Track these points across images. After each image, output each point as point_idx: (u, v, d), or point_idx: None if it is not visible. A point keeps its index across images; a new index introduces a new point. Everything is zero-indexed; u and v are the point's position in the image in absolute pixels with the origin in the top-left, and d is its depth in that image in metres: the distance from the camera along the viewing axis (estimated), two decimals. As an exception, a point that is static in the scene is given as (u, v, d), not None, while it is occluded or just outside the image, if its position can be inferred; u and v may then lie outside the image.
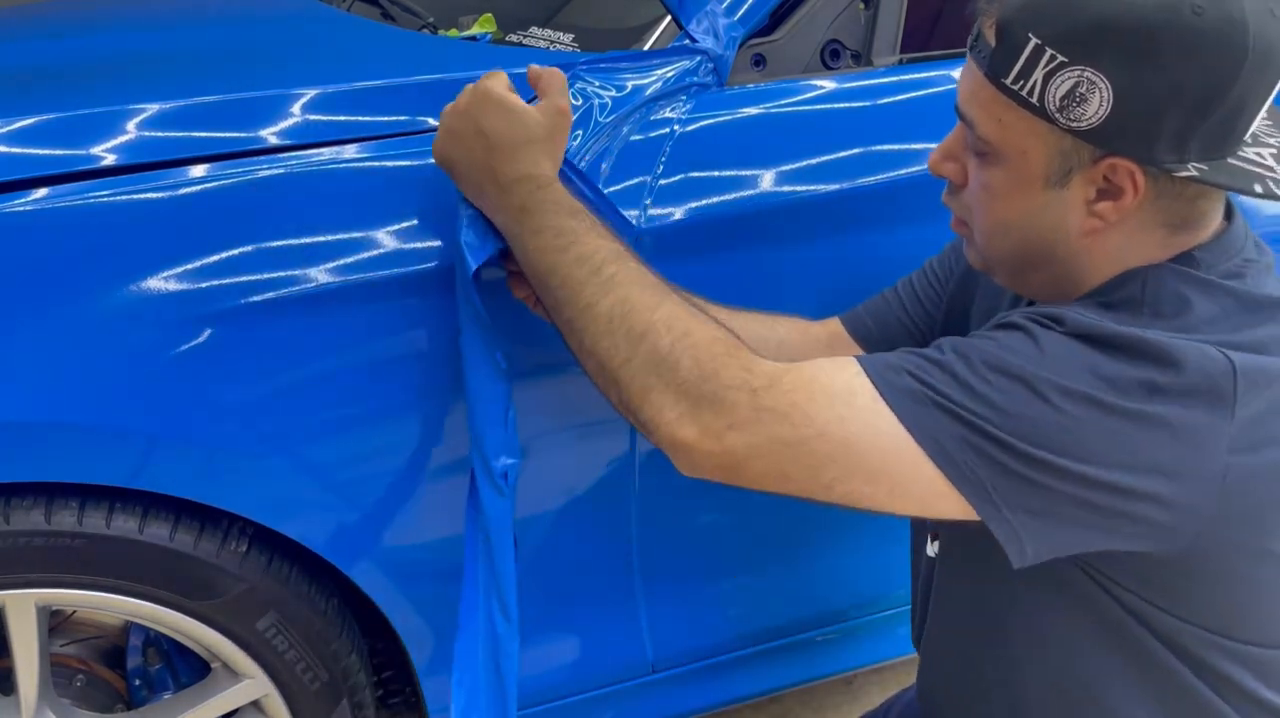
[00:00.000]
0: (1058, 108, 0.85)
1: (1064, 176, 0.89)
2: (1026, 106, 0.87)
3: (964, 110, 0.93)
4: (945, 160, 0.99)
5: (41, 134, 1.12)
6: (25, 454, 1.03)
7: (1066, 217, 0.91)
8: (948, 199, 1.02)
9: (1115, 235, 0.91)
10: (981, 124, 0.91)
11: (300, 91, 1.18)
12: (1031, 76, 0.85)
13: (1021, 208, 0.92)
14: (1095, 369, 0.83)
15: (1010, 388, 0.83)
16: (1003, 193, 0.93)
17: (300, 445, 1.12)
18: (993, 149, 0.91)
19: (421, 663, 1.29)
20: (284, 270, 1.08)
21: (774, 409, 0.85)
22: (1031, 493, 0.83)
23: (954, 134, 0.98)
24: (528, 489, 1.25)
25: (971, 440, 0.83)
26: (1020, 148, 0.90)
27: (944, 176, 1.00)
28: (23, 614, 1.12)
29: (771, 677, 1.53)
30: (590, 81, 1.20)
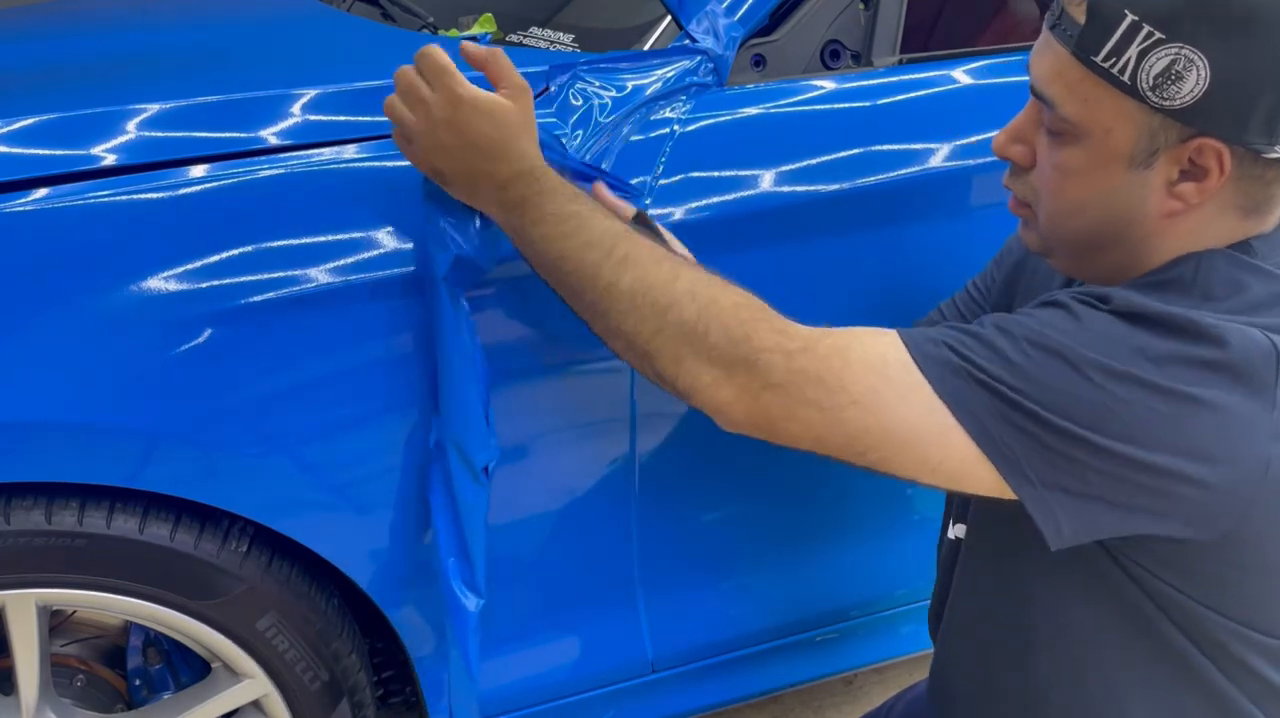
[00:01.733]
0: (1150, 86, 0.84)
1: (1149, 157, 0.88)
2: (1116, 84, 0.86)
3: (1043, 90, 0.91)
4: (1013, 143, 0.97)
5: (41, 134, 1.12)
6: (25, 454, 1.03)
7: (1146, 198, 0.90)
8: (1010, 181, 1.00)
9: (1191, 218, 0.90)
10: (1065, 103, 0.89)
11: (300, 91, 1.18)
12: (1125, 54, 0.84)
13: (1099, 188, 0.91)
14: (1139, 348, 0.82)
15: (1050, 363, 0.83)
16: (1080, 172, 0.91)
17: (300, 445, 1.12)
18: (1074, 128, 0.90)
19: (422, 663, 1.29)
20: (284, 270, 1.08)
21: (808, 372, 0.86)
22: (1068, 470, 0.83)
23: (1023, 116, 0.97)
24: (528, 489, 1.25)
25: (1008, 415, 0.83)
26: (1105, 126, 0.88)
27: (1010, 159, 0.98)
28: (23, 614, 1.12)
29: (771, 677, 1.53)
30: (590, 81, 1.21)
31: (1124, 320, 0.84)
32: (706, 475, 1.35)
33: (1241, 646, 0.92)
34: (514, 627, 1.34)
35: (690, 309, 0.90)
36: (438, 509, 1.14)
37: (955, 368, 0.85)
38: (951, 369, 0.85)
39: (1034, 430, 0.83)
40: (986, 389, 0.84)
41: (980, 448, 0.84)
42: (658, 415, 1.28)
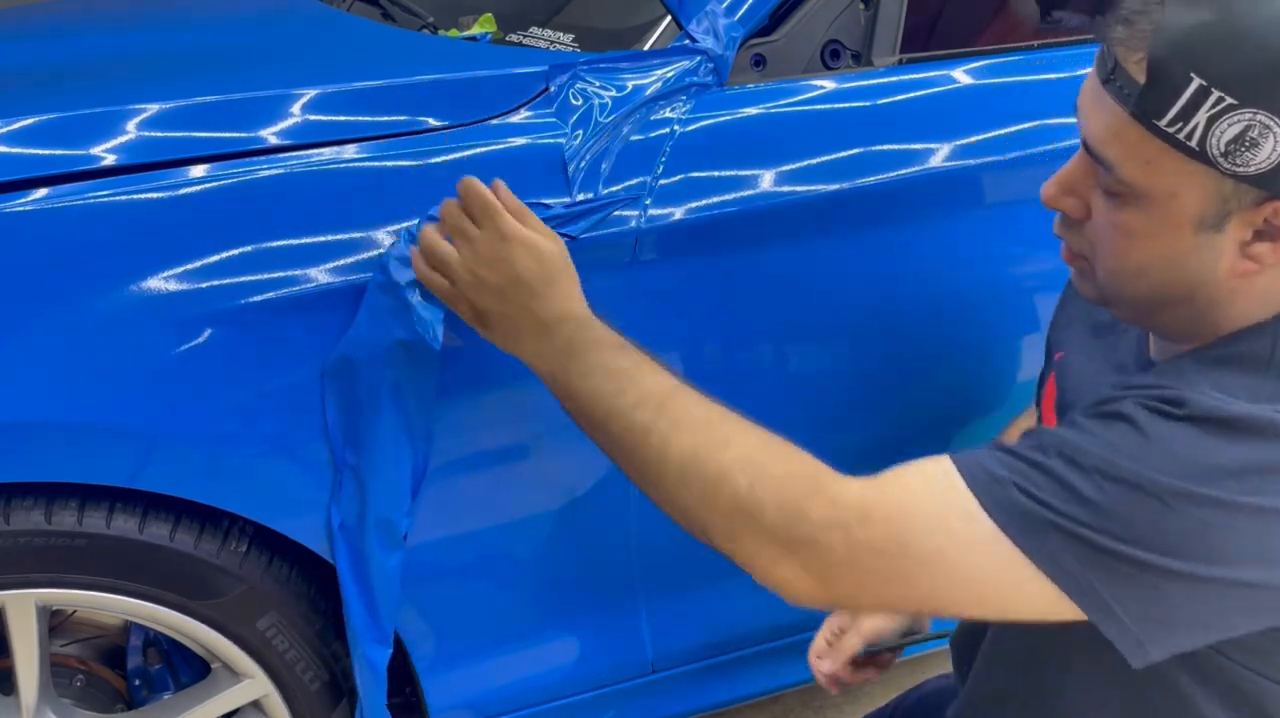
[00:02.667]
0: (1222, 152, 0.78)
1: (1220, 220, 0.82)
2: (1182, 150, 0.79)
3: (1099, 150, 0.85)
4: (1065, 195, 0.91)
5: (41, 134, 1.12)
6: (25, 454, 1.03)
7: (1217, 260, 0.84)
8: (1062, 232, 0.94)
9: (1265, 277, 0.85)
10: (1124, 166, 0.83)
11: (300, 91, 1.18)
12: (1192, 119, 0.77)
13: (1165, 251, 0.85)
14: (1216, 463, 0.78)
15: (1127, 497, 0.78)
16: (1143, 235, 0.85)
17: (300, 445, 1.12)
18: (1135, 191, 0.83)
19: (422, 663, 1.29)
20: (284, 270, 1.08)
21: (870, 545, 0.83)
22: (1156, 600, 0.79)
23: (1075, 166, 0.90)
24: (529, 489, 1.25)
25: (1092, 558, 0.79)
26: (1170, 190, 0.82)
27: (1062, 211, 0.92)
28: (23, 614, 1.12)
29: (771, 677, 1.53)
30: (590, 81, 1.21)
31: (1197, 427, 0.79)
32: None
33: (1273, 702, 0.88)
34: (514, 627, 1.34)
35: (742, 482, 0.87)
36: (348, 582, 1.16)
37: (1026, 511, 0.80)
38: (1022, 513, 0.80)
39: (1121, 568, 0.79)
40: (1063, 533, 0.79)
41: (1061, 589, 0.80)
42: (658, 415, 1.28)
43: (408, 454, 1.13)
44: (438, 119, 1.18)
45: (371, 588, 1.16)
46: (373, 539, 1.14)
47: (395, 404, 1.10)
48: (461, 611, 1.28)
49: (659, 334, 1.24)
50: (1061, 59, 1.43)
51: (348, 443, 1.12)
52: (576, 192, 1.15)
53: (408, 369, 1.09)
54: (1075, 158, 0.90)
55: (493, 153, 1.16)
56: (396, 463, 1.12)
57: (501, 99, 1.20)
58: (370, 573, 1.16)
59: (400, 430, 1.11)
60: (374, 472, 1.12)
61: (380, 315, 1.07)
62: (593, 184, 1.16)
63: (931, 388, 1.41)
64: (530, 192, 1.15)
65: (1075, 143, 1.43)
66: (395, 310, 1.07)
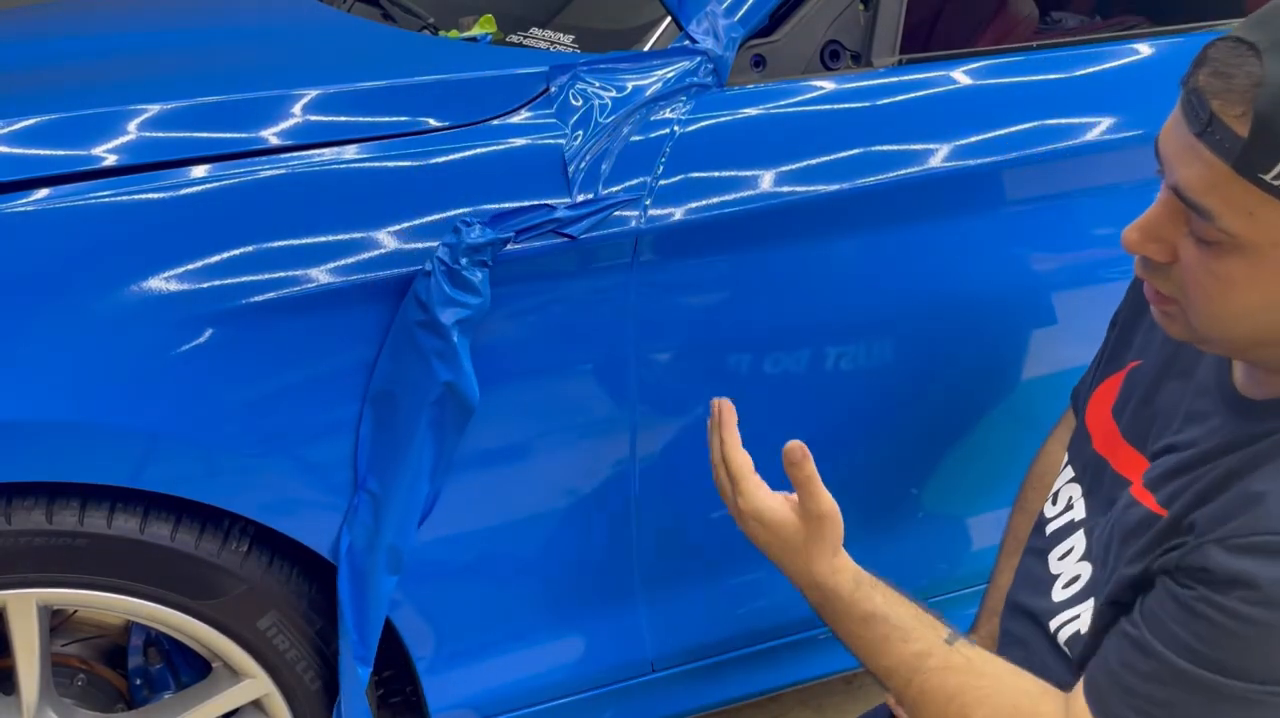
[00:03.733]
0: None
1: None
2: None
3: (1198, 200, 0.83)
4: (1150, 242, 0.89)
5: (41, 134, 1.12)
6: (26, 454, 1.03)
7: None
8: (1146, 274, 0.93)
9: None
10: (1225, 217, 0.82)
11: (300, 92, 1.18)
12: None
13: (1267, 297, 0.85)
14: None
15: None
16: (1245, 283, 0.84)
17: (300, 445, 1.12)
18: (1237, 241, 0.83)
19: (422, 663, 1.29)
20: (284, 270, 1.08)
21: None
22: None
23: (1160, 212, 0.88)
24: (529, 489, 1.25)
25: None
26: (1274, 240, 0.81)
27: (1148, 257, 0.91)
28: (24, 614, 1.12)
29: (771, 677, 1.53)
30: (590, 82, 1.21)
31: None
32: (707, 475, 1.35)
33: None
34: (514, 626, 1.34)
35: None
36: (346, 603, 1.18)
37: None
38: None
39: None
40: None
41: None
42: (658, 415, 1.28)
43: (426, 486, 1.16)
44: (438, 119, 1.18)
45: (365, 610, 1.18)
46: (379, 564, 1.16)
47: (430, 439, 1.13)
48: (461, 610, 1.28)
49: (659, 334, 1.24)
50: (1061, 59, 1.43)
51: (373, 470, 1.14)
52: (576, 192, 1.15)
53: (450, 408, 1.12)
54: (1159, 202, 0.89)
55: (493, 153, 1.16)
56: (414, 492, 1.15)
57: (502, 100, 1.20)
58: (367, 596, 1.17)
59: (426, 463, 1.14)
60: (394, 500, 1.14)
61: (426, 355, 1.10)
62: (593, 184, 1.16)
63: (932, 388, 1.41)
64: (530, 192, 1.15)
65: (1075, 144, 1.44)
66: (442, 353, 1.09)
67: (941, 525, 1.54)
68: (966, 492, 1.53)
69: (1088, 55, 1.44)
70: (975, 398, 1.45)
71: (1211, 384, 0.99)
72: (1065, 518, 1.15)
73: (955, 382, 1.42)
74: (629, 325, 1.22)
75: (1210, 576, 0.86)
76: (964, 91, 1.36)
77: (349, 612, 1.18)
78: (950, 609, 1.28)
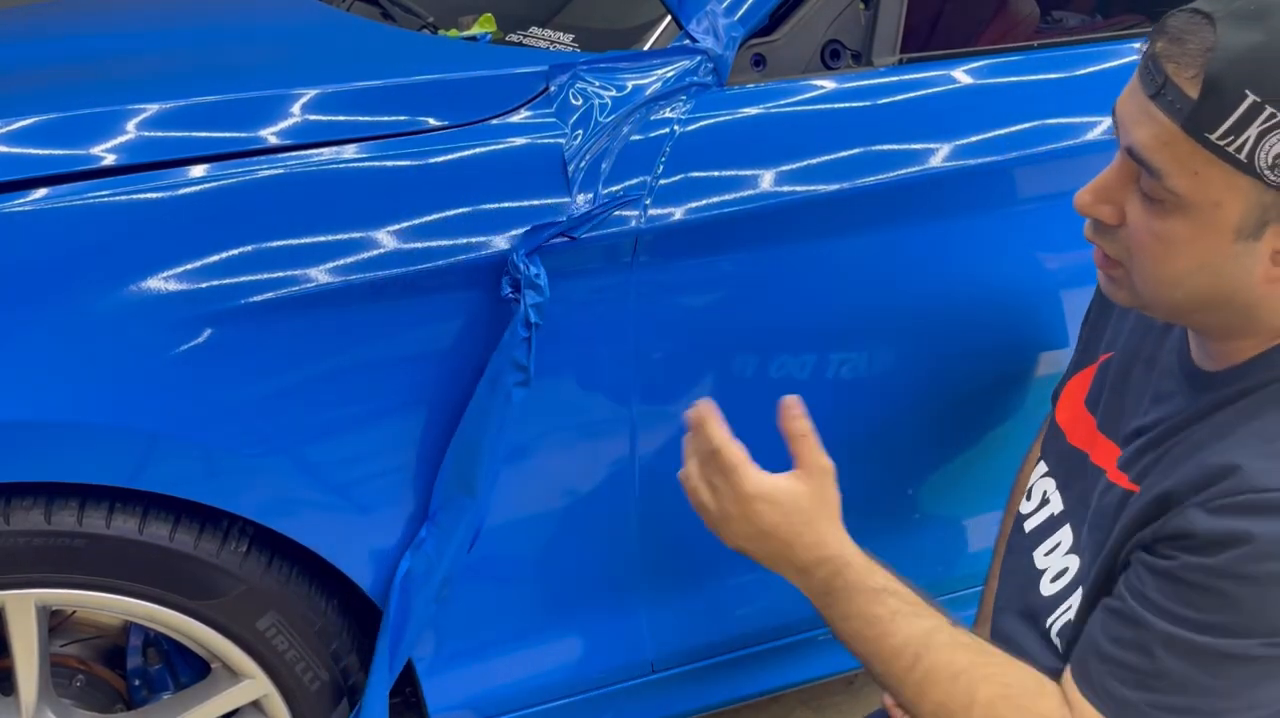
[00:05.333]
0: (1269, 165, 0.82)
1: (1258, 229, 0.86)
2: (1231, 162, 0.83)
3: (1148, 158, 0.88)
4: (1100, 203, 0.94)
5: (41, 134, 1.12)
6: (25, 454, 1.03)
7: (1252, 267, 0.88)
8: (1095, 238, 0.98)
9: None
10: (1172, 175, 0.87)
11: (300, 91, 1.18)
12: (1244, 133, 0.82)
13: (1204, 259, 0.89)
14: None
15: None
16: (1184, 243, 0.89)
17: (300, 445, 1.12)
18: (1180, 199, 0.87)
19: (422, 663, 1.29)
20: (284, 270, 1.08)
21: None
22: None
23: (1112, 174, 0.94)
24: (529, 489, 1.25)
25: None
26: (1215, 200, 0.86)
27: (1098, 218, 0.96)
28: (23, 614, 1.12)
29: (771, 677, 1.53)
30: (590, 81, 1.21)
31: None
32: (706, 476, 1.35)
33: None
34: (514, 627, 1.34)
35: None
36: (390, 626, 1.20)
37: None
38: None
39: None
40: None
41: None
42: (659, 415, 1.28)
43: (480, 522, 1.19)
44: (438, 119, 1.18)
45: (403, 634, 1.20)
46: (430, 594, 1.19)
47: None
48: (461, 611, 1.28)
49: (659, 334, 1.24)
50: (1062, 59, 1.43)
51: (445, 507, 1.17)
52: (576, 192, 1.15)
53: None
54: (1112, 166, 0.93)
55: (493, 153, 1.16)
56: (472, 529, 1.18)
57: (501, 99, 1.20)
58: (409, 622, 1.19)
59: (488, 505, 1.18)
60: (457, 536, 1.17)
61: (514, 405, 1.13)
62: (593, 184, 1.16)
63: (933, 388, 1.41)
64: (530, 192, 1.15)
65: (1075, 143, 1.44)
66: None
67: (944, 525, 1.54)
68: (969, 492, 1.53)
69: (1088, 55, 1.44)
70: (977, 398, 1.45)
71: (1174, 365, 1.02)
72: (1044, 513, 1.17)
73: (957, 381, 1.42)
74: (629, 325, 1.22)
75: (1194, 541, 0.88)
76: (964, 91, 1.36)
77: (389, 636, 1.19)
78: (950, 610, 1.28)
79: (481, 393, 1.14)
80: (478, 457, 1.15)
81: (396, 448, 1.17)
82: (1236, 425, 0.91)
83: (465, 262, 1.12)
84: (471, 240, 1.13)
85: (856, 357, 1.35)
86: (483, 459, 1.15)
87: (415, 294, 1.12)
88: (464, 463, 1.15)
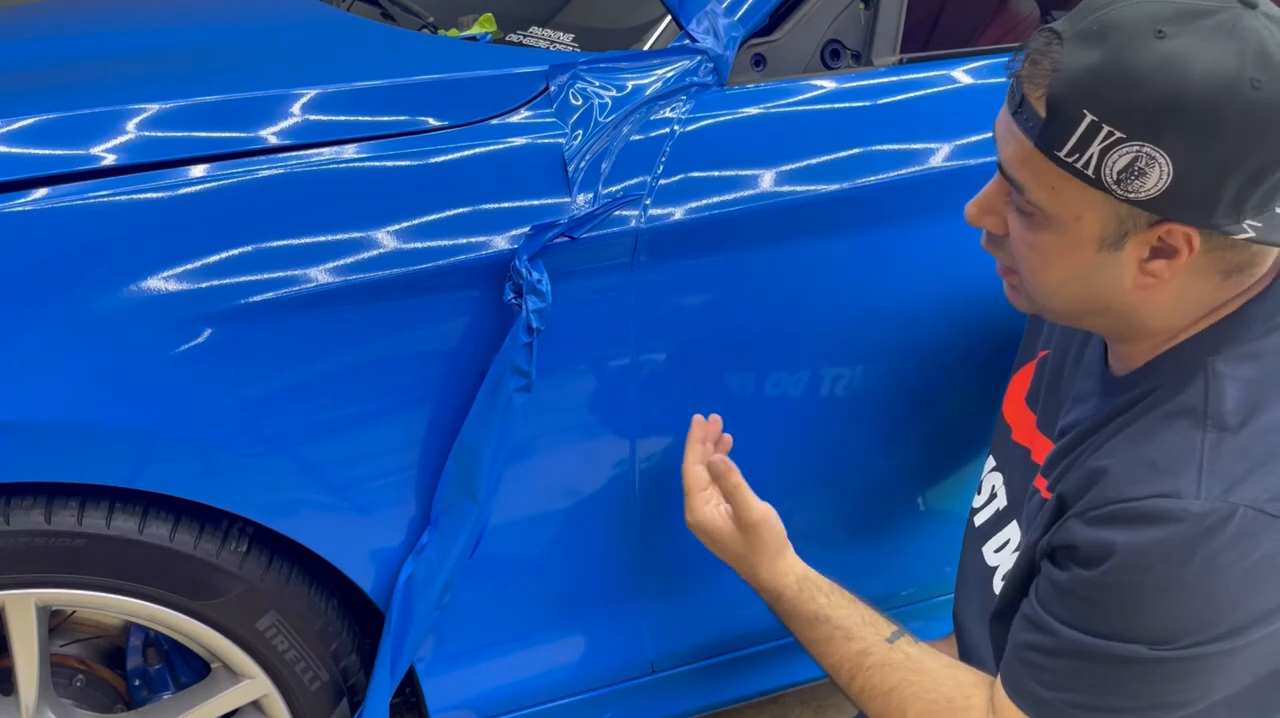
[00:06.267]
0: (1115, 180, 0.85)
1: (1119, 240, 0.90)
2: (1081, 178, 0.87)
3: (1012, 174, 0.93)
4: (985, 214, 1.00)
5: (41, 134, 1.12)
6: (25, 454, 1.03)
7: (1121, 275, 0.92)
8: (989, 248, 1.03)
9: (1169, 288, 0.92)
10: (1033, 190, 0.91)
11: (300, 91, 1.18)
12: (1087, 151, 0.85)
13: (1074, 268, 0.93)
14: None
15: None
16: (1054, 253, 0.93)
17: (300, 445, 1.12)
18: (1043, 213, 0.91)
19: (422, 664, 1.29)
20: (284, 270, 1.08)
21: None
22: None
23: (992, 188, 0.98)
24: (529, 489, 1.25)
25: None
26: (1074, 213, 0.90)
27: (984, 228, 1.01)
28: (23, 614, 1.12)
29: (771, 677, 1.53)
30: (590, 81, 1.21)
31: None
32: (706, 475, 1.35)
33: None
34: (515, 627, 1.34)
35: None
36: (392, 630, 1.20)
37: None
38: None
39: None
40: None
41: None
42: (659, 415, 1.28)
43: (484, 527, 1.20)
44: (438, 119, 1.18)
45: (405, 639, 1.20)
46: (432, 600, 1.19)
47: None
48: (461, 611, 1.28)
49: (658, 334, 1.24)
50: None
51: (448, 512, 1.17)
52: (576, 192, 1.15)
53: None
54: (993, 180, 0.98)
55: (493, 153, 1.16)
56: (474, 535, 1.19)
57: (501, 99, 1.20)
58: (411, 627, 1.19)
59: (490, 510, 1.19)
60: (459, 542, 1.18)
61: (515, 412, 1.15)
62: (593, 184, 1.16)
63: (934, 388, 1.41)
64: (530, 192, 1.15)
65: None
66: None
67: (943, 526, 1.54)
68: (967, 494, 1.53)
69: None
70: (978, 397, 1.45)
71: (1094, 366, 1.06)
72: (992, 508, 1.21)
73: (958, 381, 1.42)
74: (629, 325, 1.22)
75: (1077, 552, 0.93)
76: (964, 91, 1.36)
77: (390, 642, 1.20)
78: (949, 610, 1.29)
79: (483, 398, 1.14)
80: (479, 462, 1.15)
81: (397, 448, 1.17)
82: (1119, 431, 0.95)
83: (465, 262, 1.12)
84: (471, 240, 1.13)
85: (856, 356, 1.35)
86: (484, 464, 1.15)
87: (415, 294, 1.12)
88: (466, 468, 1.15)
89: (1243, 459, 0.87)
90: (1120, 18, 0.84)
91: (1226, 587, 0.86)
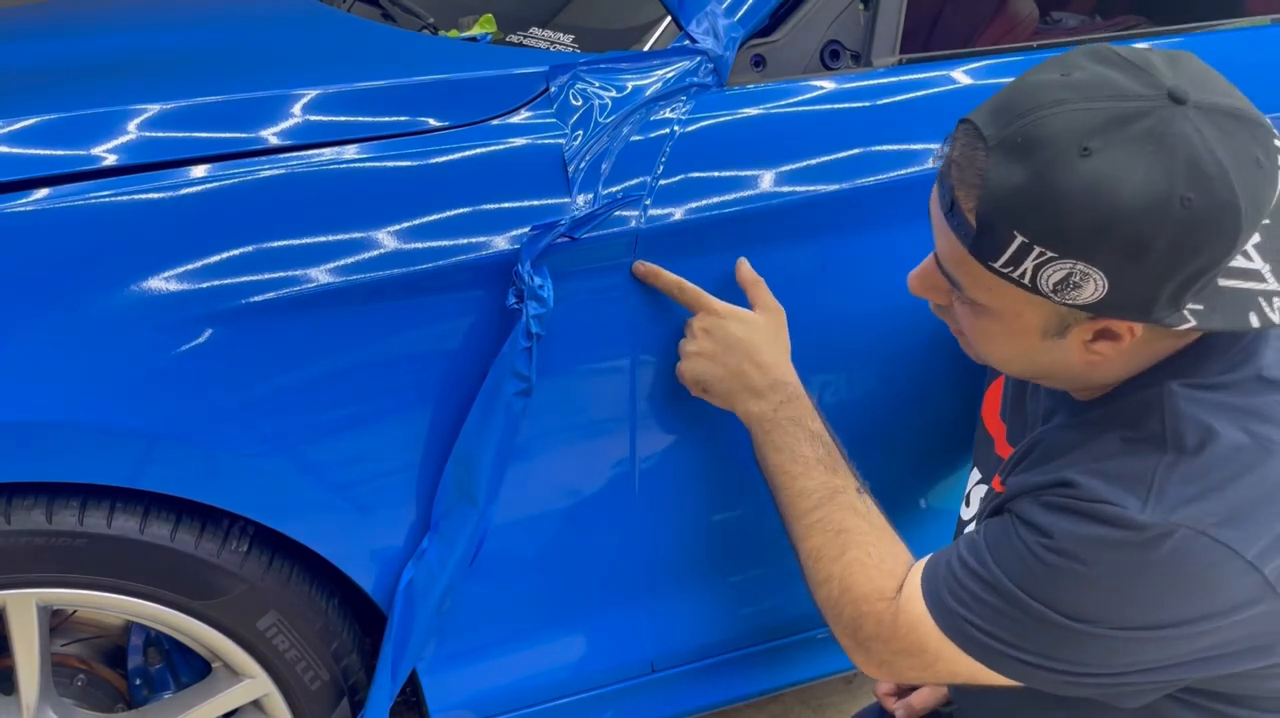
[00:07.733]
0: (1051, 289, 0.86)
1: (1062, 330, 0.91)
2: (1018, 285, 0.87)
3: (949, 272, 0.94)
4: (926, 289, 1.02)
5: (41, 134, 1.12)
6: (26, 454, 1.03)
7: (1068, 355, 0.94)
8: (937, 312, 1.05)
9: (1118, 359, 0.94)
10: (971, 289, 0.93)
11: (300, 92, 1.18)
12: (1021, 265, 0.85)
13: (1018, 349, 0.96)
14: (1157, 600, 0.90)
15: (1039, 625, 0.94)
16: (998, 337, 0.96)
17: (301, 445, 1.12)
18: (982, 306, 0.93)
19: (422, 663, 1.29)
20: (284, 270, 1.08)
21: (901, 650, 1.04)
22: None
23: (931, 265, 0.98)
24: (529, 489, 1.25)
25: (1029, 673, 0.97)
26: (1015, 311, 0.91)
27: (928, 299, 1.03)
28: (24, 614, 1.12)
29: (771, 677, 1.53)
30: (590, 82, 1.21)
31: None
32: (707, 475, 1.35)
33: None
34: (514, 626, 1.34)
35: (836, 590, 1.09)
36: (393, 636, 1.20)
37: (975, 640, 0.98)
38: (972, 642, 0.98)
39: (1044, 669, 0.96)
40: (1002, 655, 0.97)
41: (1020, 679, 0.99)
42: (658, 415, 1.28)
43: (483, 531, 1.20)
44: (438, 119, 1.18)
45: (407, 643, 1.20)
46: (432, 605, 1.19)
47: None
48: (461, 610, 1.28)
49: (658, 334, 1.24)
50: (1061, 59, 1.43)
51: (448, 516, 1.17)
52: (576, 192, 1.15)
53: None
54: (931, 258, 0.99)
55: (493, 153, 1.16)
56: (474, 541, 1.19)
57: (501, 99, 1.20)
58: (413, 632, 1.20)
59: (491, 515, 1.19)
60: (459, 547, 1.18)
61: (517, 417, 1.16)
62: (593, 185, 1.16)
63: (934, 388, 1.41)
64: (531, 192, 1.15)
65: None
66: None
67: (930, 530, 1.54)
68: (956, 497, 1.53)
69: (1088, 55, 1.44)
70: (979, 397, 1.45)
71: (1058, 389, 1.06)
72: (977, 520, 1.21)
73: (958, 381, 1.42)
74: (629, 325, 1.22)
75: (1020, 518, 0.97)
76: (964, 91, 1.36)
77: (391, 646, 1.20)
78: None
79: (482, 402, 1.14)
80: (479, 466, 1.15)
81: (397, 447, 1.17)
82: (1080, 446, 0.97)
83: (465, 262, 1.12)
84: (472, 241, 1.13)
85: (856, 356, 1.35)
86: (484, 469, 1.15)
87: (416, 294, 1.12)
88: (466, 472, 1.15)
89: (1194, 483, 0.88)
90: (1044, 133, 0.83)
91: (1152, 591, 0.88)
